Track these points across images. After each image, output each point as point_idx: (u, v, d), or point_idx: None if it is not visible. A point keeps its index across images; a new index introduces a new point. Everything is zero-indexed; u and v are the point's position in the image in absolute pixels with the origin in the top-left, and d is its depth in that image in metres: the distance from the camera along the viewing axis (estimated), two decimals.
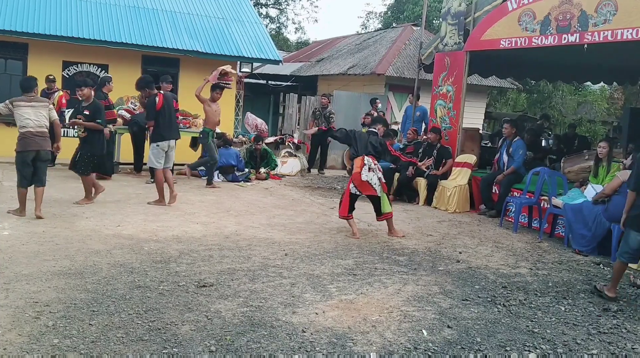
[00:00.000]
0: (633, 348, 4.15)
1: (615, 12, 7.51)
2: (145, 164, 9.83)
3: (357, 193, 7.22)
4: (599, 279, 5.89)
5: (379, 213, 7.35)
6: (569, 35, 8.13)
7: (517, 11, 8.88)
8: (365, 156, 7.23)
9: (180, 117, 11.19)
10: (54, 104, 9.14)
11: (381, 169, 7.34)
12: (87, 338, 3.67)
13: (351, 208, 7.30)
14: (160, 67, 13.30)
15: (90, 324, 3.88)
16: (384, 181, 7.33)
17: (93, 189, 8.05)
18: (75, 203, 7.85)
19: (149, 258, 5.52)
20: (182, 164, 11.32)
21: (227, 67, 10.45)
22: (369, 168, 7.15)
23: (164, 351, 3.57)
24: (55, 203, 7.72)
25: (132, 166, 11.23)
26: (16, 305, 4.12)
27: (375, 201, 7.32)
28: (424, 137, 10.85)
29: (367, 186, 7.17)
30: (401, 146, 11.03)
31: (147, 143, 10.36)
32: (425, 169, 9.15)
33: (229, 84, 10.77)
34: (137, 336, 3.76)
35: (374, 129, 7.62)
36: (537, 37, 8.59)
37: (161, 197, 8.27)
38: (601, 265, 6.45)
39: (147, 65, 13.24)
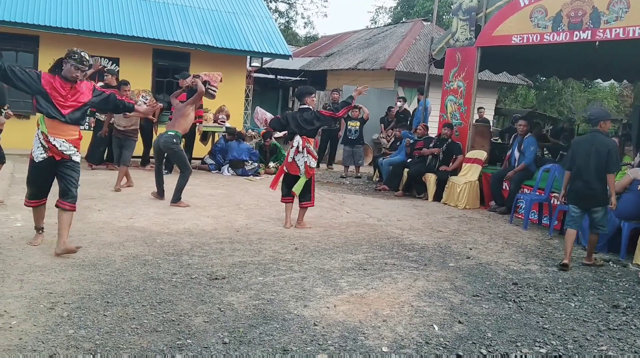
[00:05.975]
0: None
1: (627, 10, 7.48)
2: (152, 158, 9.61)
3: (286, 170, 7.16)
4: (608, 276, 5.89)
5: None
6: (581, 32, 8.10)
7: (528, 7, 8.85)
8: (297, 137, 7.07)
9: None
10: None
11: (313, 155, 7.12)
12: (102, 329, 3.72)
13: (284, 189, 7.23)
14: (171, 61, 13.34)
15: (104, 315, 3.92)
16: (311, 166, 7.06)
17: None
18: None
19: (161, 251, 5.57)
20: (199, 158, 11.47)
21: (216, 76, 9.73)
22: (297, 149, 7.02)
23: (177, 342, 3.61)
24: None
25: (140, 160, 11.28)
26: (31, 296, 4.16)
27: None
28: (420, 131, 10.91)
29: (293, 166, 7.07)
30: (412, 141, 11.03)
31: (154, 136, 10.33)
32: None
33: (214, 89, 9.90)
34: (151, 327, 3.79)
35: (303, 106, 7.32)
36: (549, 34, 8.56)
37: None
38: (610, 262, 6.44)
39: (158, 59, 13.28)
